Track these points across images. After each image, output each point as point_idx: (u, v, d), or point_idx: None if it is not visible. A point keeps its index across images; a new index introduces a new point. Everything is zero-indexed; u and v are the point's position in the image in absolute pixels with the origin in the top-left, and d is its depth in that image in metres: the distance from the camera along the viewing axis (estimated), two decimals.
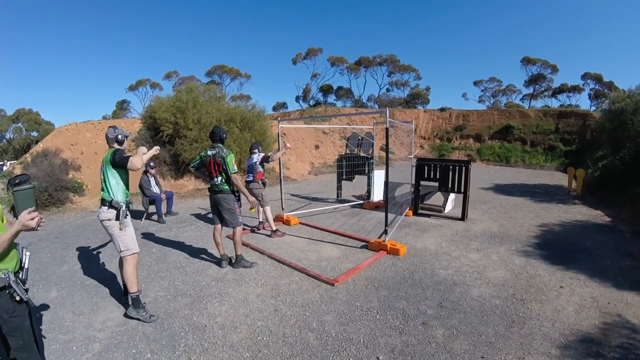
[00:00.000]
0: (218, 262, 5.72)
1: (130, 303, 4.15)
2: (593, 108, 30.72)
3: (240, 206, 5.48)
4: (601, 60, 67.41)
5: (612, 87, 31.31)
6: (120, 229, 4.07)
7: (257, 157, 7.20)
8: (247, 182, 7.16)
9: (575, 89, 36.01)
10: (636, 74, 60.75)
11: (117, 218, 4.03)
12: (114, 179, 4.00)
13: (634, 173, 9.99)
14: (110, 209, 4.01)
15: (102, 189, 4.05)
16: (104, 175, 4.00)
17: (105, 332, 3.85)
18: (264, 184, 7.32)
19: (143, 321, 4.05)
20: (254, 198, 5.65)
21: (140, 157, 3.98)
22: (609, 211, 9.09)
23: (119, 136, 4.14)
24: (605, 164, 13.32)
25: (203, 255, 6.18)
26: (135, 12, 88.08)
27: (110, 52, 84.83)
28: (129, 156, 3.92)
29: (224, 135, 5.35)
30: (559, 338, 3.69)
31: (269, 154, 7.21)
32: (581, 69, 63.02)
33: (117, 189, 4.03)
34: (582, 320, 4.04)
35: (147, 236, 7.32)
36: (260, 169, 7.17)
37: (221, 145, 5.28)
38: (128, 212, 4.16)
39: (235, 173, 5.16)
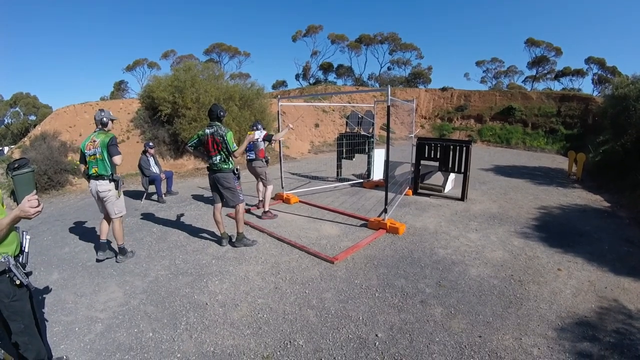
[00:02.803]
0: (218, 240, 5.75)
1: (119, 252, 5.21)
2: (596, 93, 30.39)
3: (240, 184, 5.46)
4: (605, 45, 66.40)
5: (615, 72, 30.90)
6: (118, 197, 4.96)
7: (259, 133, 6.94)
8: (249, 161, 7.04)
9: (579, 73, 35.46)
10: (638, 61, 60.08)
11: (117, 187, 4.92)
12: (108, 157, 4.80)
13: (635, 159, 9.92)
14: (111, 182, 4.86)
15: (96, 166, 4.81)
16: (101, 155, 4.76)
17: (107, 313, 3.89)
18: (266, 161, 7.20)
19: (128, 259, 5.20)
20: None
21: (121, 158, 4.87)
22: (608, 196, 9.07)
23: (104, 119, 4.87)
24: (606, 149, 13.24)
25: (203, 234, 6.20)
26: None
27: (107, 32, 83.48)
28: (119, 152, 4.84)
29: (222, 113, 5.27)
30: (556, 320, 3.73)
31: (272, 133, 7.11)
32: (585, 53, 62.07)
33: (111, 165, 4.84)
34: (579, 303, 4.07)
35: (148, 216, 7.33)
36: (262, 146, 7.00)
37: (219, 124, 5.21)
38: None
39: (236, 150, 5.12)
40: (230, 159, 5.24)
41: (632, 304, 4.07)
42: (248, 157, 7.03)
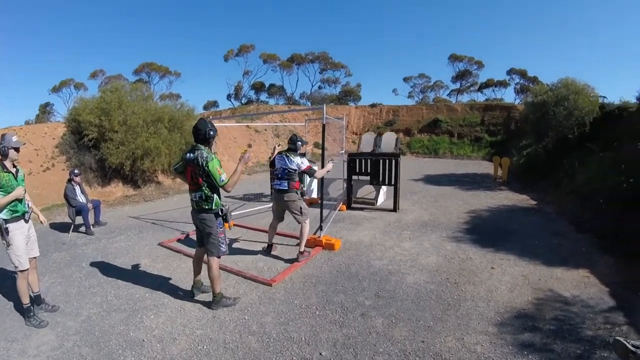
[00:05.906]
0: (190, 291, 4.79)
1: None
2: (518, 101, 32.85)
3: (223, 230, 4.34)
4: (526, 56, 72.66)
5: (536, 82, 33.62)
6: (7, 247, 4.01)
7: (300, 161, 5.52)
8: (279, 192, 5.60)
9: (502, 84, 38.50)
10: (557, 69, 65.94)
11: (1, 236, 3.96)
12: None
13: (556, 159, 10.97)
14: None
15: None
16: None
17: (41, 357, 3.56)
18: (302, 194, 5.97)
19: (35, 327, 4.08)
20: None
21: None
22: (534, 195, 9.79)
23: (3, 148, 3.92)
24: (529, 152, 14.47)
25: (135, 267, 5.86)
26: (57, 7, 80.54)
27: (31, 50, 77.33)
28: None
29: (212, 133, 4.07)
30: (495, 316, 3.93)
31: (315, 168, 5.83)
32: (507, 65, 67.47)
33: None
34: (516, 297, 4.33)
35: (76, 250, 6.82)
36: (297, 177, 5.60)
37: (202, 147, 4.04)
38: (10, 229, 3.97)
39: (226, 183, 3.95)
40: (214, 196, 4.15)
41: (567, 291, 4.41)
42: (278, 187, 5.63)
